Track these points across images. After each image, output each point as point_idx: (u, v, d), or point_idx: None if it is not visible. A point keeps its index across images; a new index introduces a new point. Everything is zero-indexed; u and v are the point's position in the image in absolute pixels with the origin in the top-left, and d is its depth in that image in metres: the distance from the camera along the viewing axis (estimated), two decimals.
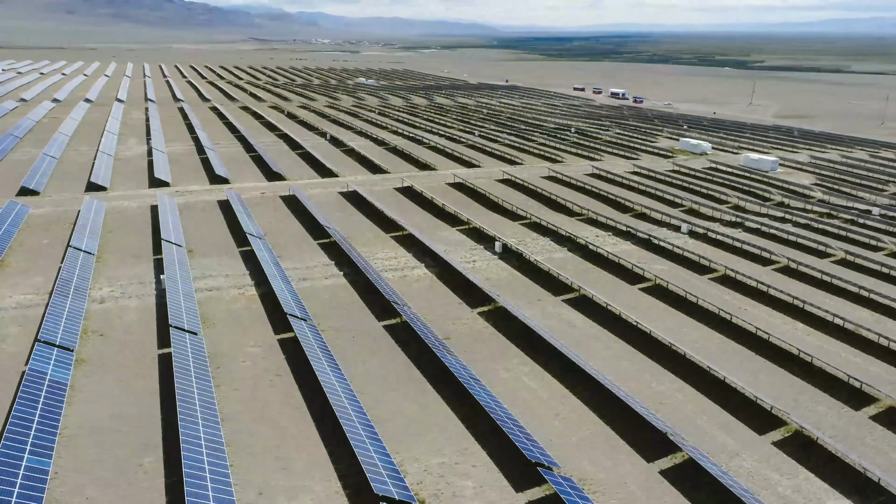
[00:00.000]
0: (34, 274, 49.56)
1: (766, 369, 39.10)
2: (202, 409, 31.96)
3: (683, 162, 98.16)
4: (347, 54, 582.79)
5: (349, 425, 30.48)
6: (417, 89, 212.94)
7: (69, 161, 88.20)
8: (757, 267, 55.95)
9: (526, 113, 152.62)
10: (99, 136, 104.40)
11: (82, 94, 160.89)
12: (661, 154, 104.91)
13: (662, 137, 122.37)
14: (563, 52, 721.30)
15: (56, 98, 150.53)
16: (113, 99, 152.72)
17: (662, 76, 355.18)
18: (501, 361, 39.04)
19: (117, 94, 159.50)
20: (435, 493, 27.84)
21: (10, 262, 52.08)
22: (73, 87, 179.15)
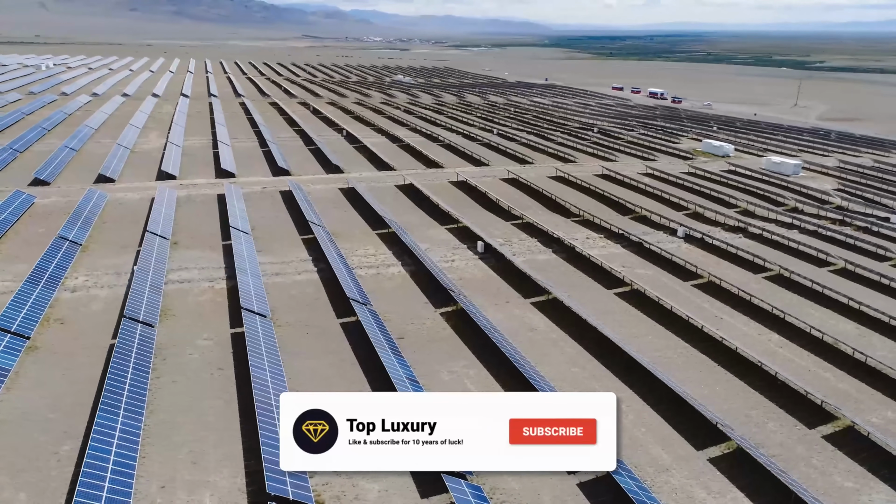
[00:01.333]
0: (20, 262, 50.89)
1: (726, 381, 37.38)
2: (129, 398, 32.21)
3: (701, 164, 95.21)
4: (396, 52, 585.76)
5: (266, 421, 30.30)
6: (452, 87, 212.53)
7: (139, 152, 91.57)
8: (747, 274, 53.69)
9: (554, 112, 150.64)
10: (167, 129, 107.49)
11: (149, 89, 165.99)
12: (680, 156, 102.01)
13: (687, 139, 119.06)
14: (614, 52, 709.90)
15: (126, 93, 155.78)
16: (178, 94, 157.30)
17: (712, 76, 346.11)
18: (448, 363, 38.33)
19: (182, 90, 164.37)
20: (337, 496, 27.42)
21: (1, 250, 53.76)
22: (142, 82, 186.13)
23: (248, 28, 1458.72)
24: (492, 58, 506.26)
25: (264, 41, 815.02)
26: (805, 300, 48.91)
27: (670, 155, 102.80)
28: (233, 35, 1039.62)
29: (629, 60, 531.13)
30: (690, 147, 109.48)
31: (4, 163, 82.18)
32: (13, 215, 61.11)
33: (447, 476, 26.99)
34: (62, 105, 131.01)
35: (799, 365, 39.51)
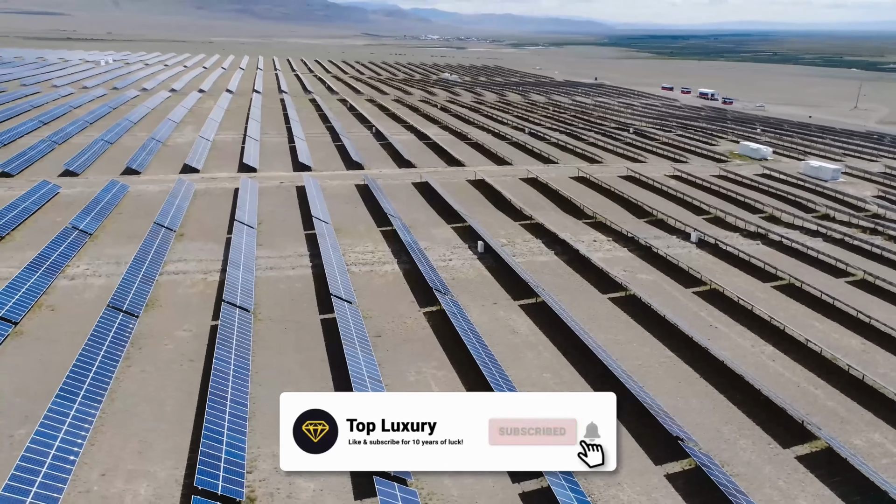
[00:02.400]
0: (29, 249, 52.55)
1: (705, 394, 35.70)
2: (91, 386, 32.79)
3: (734, 167, 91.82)
4: (452, 50, 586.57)
5: (214, 414, 30.39)
6: (496, 85, 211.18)
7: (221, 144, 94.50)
8: (754, 283, 51.32)
9: (593, 112, 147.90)
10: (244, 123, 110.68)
11: (248, 86, 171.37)
12: (714, 158, 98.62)
13: (727, 141, 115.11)
14: (675, 51, 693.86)
15: (202, 88, 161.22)
16: (251, 90, 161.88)
17: (773, 77, 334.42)
18: (418, 364, 37.77)
19: (254, 86, 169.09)
20: (271, 493, 27.24)
21: (15, 237, 55.76)
22: (216, 79, 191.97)
23: (308, 26, 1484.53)
24: (546, 57, 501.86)
25: (323, 39, 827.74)
26: (812, 312, 46.40)
27: (704, 157, 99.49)
28: (293, 33, 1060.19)
29: (689, 60, 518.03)
30: (727, 150, 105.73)
31: (42, 153, 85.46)
32: (35, 204, 63.36)
33: (380, 480, 26.52)
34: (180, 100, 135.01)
35: (788, 380, 37.45)
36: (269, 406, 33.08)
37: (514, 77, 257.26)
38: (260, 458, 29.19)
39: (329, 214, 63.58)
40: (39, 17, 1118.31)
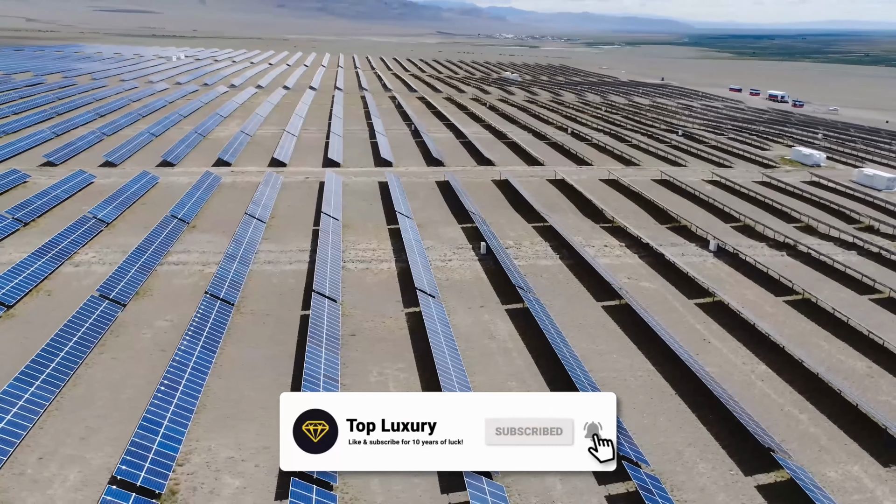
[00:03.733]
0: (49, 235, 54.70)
1: (675, 412, 33.71)
2: (54, 370, 33.70)
3: (781, 174, 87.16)
4: (524, 49, 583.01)
5: (161, 405, 30.69)
6: (555, 85, 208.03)
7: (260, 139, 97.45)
8: (767, 296, 48.31)
9: (646, 113, 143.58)
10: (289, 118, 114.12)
11: (306, 83, 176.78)
12: (762, 163, 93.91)
13: (782, 145, 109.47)
14: (757, 51, 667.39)
15: (312, 86, 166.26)
16: (332, 87, 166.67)
17: (857, 79, 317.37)
18: (383, 364, 37.20)
19: (336, 83, 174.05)
20: (195, 487, 27.24)
21: (39, 224, 58.29)
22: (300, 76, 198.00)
23: (384, 24, 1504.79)
24: (618, 56, 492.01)
25: (397, 37, 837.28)
26: (820, 330, 43.27)
27: (751, 162, 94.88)
28: (368, 31, 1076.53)
29: (770, 61, 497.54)
30: (778, 155, 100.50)
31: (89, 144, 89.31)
32: (66, 193, 66.06)
33: (297, 482, 26.11)
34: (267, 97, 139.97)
35: (773, 402, 34.95)
36: (222, 399, 33.24)
37: (577, 76, 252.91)
38: (196, 452, 29.27)
39: (341, 211, 63.77)
40: (131, 15, 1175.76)
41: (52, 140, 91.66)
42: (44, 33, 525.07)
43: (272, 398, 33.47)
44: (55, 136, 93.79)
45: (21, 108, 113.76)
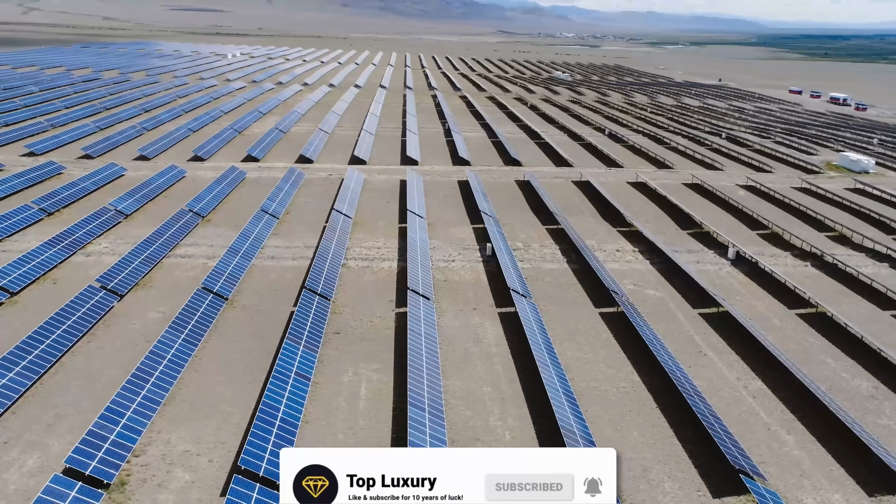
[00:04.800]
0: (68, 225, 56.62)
1: (651, 427, 32.22)
2: (37, 357, 34.59)
3: (823, 180, 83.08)
4: (584, 49, 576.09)
5: (127, 396, 31.12)
6: (605, 85, 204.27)
7: (294, 136, 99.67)
8: (779, 308, 45.90)
9: (693, 115, 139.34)
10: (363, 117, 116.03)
11: (352, 80, 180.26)
12: (805, 169, 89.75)
13: (831, 150, 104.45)
14: (830, 52, 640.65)
15: (357, 84, 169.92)
16: (377, 85, 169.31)
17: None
18: (360, 364, 36.86)
19: (381, 81, 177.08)
20: (145, 479, 27.44)
21: (63, 214, 60.33)
22: (346, 74, 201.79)
23: (446, 23, 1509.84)
24: (681, 56, 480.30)
25: (457, 36, 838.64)
26: (830, 346, 40.82)
27: (793, 167, 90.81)
28: (429, 30, 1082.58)
29: (843, 62, 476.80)
30: (825, 160, 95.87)
31: (128, 138, 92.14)
32: (94, 185, 68.29)
33: (239, 479, 26.01)
34: (216, 90, 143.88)
35: (760, 421, 33.07)
36: (192, 392, 33.50)
37: (629, 77, 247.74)
38: (154, 444, 29.54)
39: (354, 208, 63.88)
40: (202, 14, 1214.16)
41: (94, 133, 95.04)
42: (115, 31, 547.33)
43: (240, 393, 33.75)
44: (98, 130, 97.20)
45: (73, 103, 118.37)
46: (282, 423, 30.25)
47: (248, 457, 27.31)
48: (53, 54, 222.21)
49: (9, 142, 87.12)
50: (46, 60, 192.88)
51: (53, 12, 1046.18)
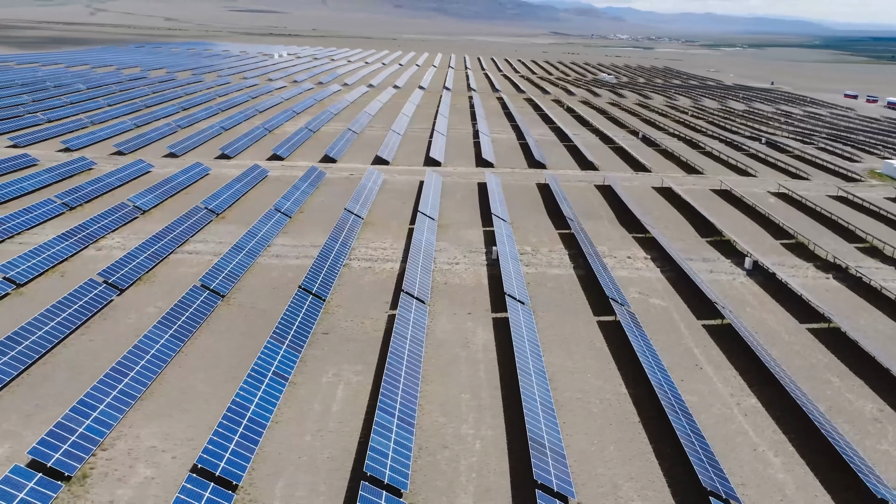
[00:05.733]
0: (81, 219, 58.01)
1: (628, 442, 30.97)
2: (27, 348, 35.35)
3: (861, 188, 79.34)
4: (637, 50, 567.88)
5: (103, 389, 31.50)
6: (650, 87, 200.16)
7: (323, 136, 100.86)
8: (789, 322, 43.77)
9: (737, 119, 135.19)
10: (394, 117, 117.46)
11: (392, 81, 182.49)
12: (846, 176, 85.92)
13: (878, 157, 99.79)
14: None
15: (396, 84, 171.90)
16: (415, 86, 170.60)
17: None
18: (342, 365, 36.57)
19: (420, 82, 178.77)
20: (106, 472, 27.65)
21: (85, 209, 61.95)
22: (388, 75, 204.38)
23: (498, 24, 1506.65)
24: (736, 59, 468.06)
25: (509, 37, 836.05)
26: (838, 364, 38.69)
27: (833, 174, 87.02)
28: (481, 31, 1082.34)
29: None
30: (869, 167, 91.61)
31: (162, 135, 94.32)
32: (119, 181, 69.91)
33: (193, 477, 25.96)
34: (255, 89, 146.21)
35: (747, 441, 31.45)
36: (172, 388, 33.71)
37: (678, 79, 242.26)
38: (123, 438, 29.79)
39: (368, 208, 63.79)
40: (259, 14, 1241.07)
41: (129, 131, 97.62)
42: (174, 31, 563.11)
43: (219, 391, 33.85)
44: (134, 127, 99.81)
45: (116, 101, 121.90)
46: (249, 423, 30.16)
47: (207, 455, 27.26)
48: (107, 54, 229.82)
49: (48, 138, 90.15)
50: (99, 59, 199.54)
51: (119, 13, 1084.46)
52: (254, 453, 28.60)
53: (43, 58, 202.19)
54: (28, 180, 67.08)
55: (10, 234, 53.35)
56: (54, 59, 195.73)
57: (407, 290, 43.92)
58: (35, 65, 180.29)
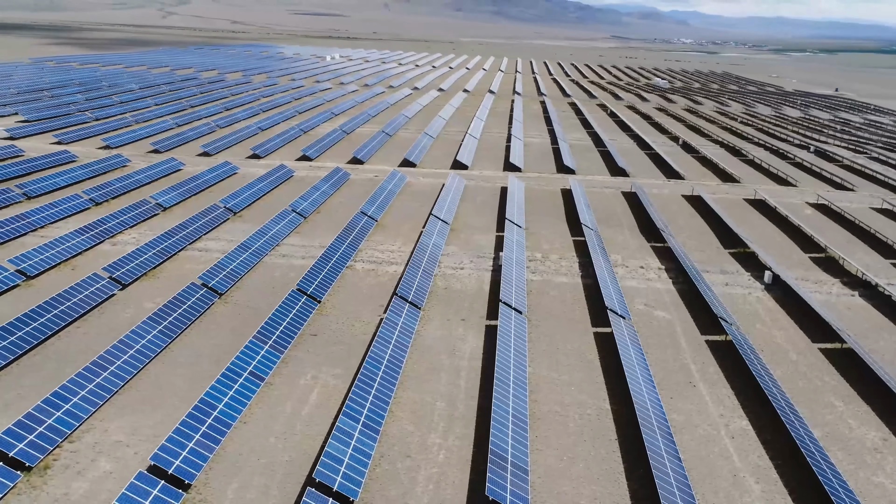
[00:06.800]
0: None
1: (602, 461, 29.68)
2: (19, 339, 36.36)
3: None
4: (699, 55, 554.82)
5: (78, 382, 32.07)
6: (702, 93, 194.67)
7: (356, 137, 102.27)
8: (800, 341, 41.37)
9: (786, 126, 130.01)
10: (429, 120, 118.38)
11: (438, 84, 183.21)
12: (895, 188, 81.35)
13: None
14: None
15: (441, 88, 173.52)
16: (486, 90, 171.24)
17: None
18: (324, 368, 36.32)
19: (466, 86, 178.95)
20: (67, 465, 28.03)
21: (112, 205, 63.79)
22: (436, 77, 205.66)
23: (559, 28, 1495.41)
24: (804, 64, 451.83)
25: (569, 41, 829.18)
26: (846, 388, 36.32)
27: (881, 185, 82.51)
28: (541, 34, 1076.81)
29: None
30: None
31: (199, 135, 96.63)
32: (149, 178, 71.82)
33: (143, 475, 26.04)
34: (300, 90, 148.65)
35: (729, 466, 29.71)
36: (151, 383, 34.07)
37: (735, 85, 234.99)
38: (92, 432, 30.19)
39: (383, 210, 63.65)
40: (323, 18, 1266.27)
41: (170, 129, 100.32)
42: (237, 34, 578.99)
43: (196, 388, 34.01)
44: (175, 126, 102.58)
45: (163, 101, 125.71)
46: (215, 422, 30.17)
47: (162, 453, 27.33)
48: (165, 55, 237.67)
49: (91, 135, 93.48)
50: (157, 61, 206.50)
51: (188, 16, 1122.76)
52: (213, 453, 28.56)
53: (104, 59, 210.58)
54: (62, 176, 69.55)
55: (34, 228, 55.29)
56: (116, 60, 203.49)
57: (401, 294, 43.45)
58: (96, 65, 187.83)
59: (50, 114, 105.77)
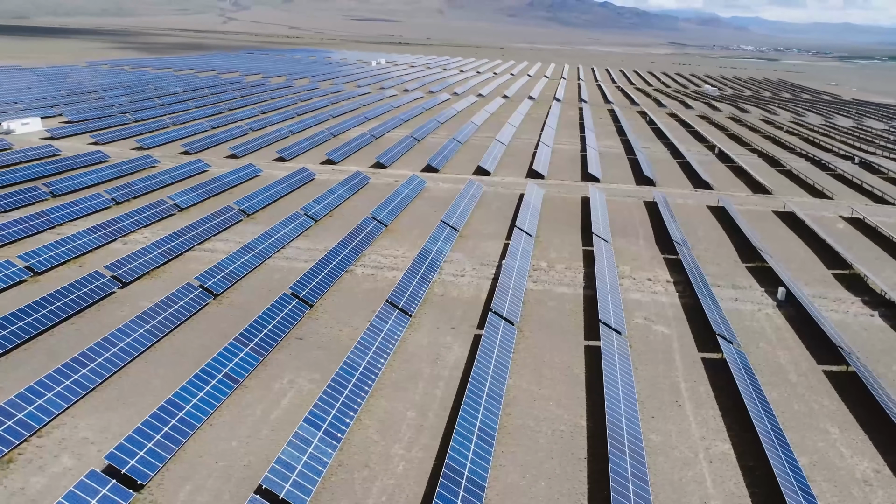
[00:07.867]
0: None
1: (565, 480, 28.60)
2: (8, 335, 37.35)
3: None
4: (758, 62, 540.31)
5: (55, 378, 32.64)
6: (755, 101, 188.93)
7: (385, 141, 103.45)
8: (802, 362, 39.25)
9: (835, 136, 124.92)
10: (460, 126, 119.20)
11: (502, 91, 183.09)
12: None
13: None
14: None
15: (481, 93, 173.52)
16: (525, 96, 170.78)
17: None
18: (302, 372, 36.16)
19: (505, 91, 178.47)
20: (31, 459, 28.48)
21: (134, 204, 65.31)
22: (479, 81, 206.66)
23: (614, 34, 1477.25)
24: (869, 72, 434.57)
25: (623, 47, 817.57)
26: (846, 412, 34.23)
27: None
28: (595, 40, 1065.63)
29: None
30: None
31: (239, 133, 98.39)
32: (172, 178, 73.34)
33: (93, 473, 26.22)
34: (340, 94, 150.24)
35: (703, 492, 28.24)
36: (129, 381, 34.48)
37: (788, 93, 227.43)
38: (61, 428, 30.67)
39: (395, 215, 63.43)
40: (378, 24, 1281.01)
41: (204, 132, 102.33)
42: (290, 39, 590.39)
43: (172, 388, 34.24)
44: (210, 129, 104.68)
45: (203, 104, 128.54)
46: (179, 423, 30.27)
47: (118, 452, 27.53)
48: (214, 59, 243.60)
49: (127, 136, 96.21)
50: (205, 65, 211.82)
51: (247, 22, 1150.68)
52: (172, 454, 28.65)
53: (156, 62, 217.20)
54: (90, 175, 71.65)
55: (52, 225, 56.96)
56: (167, 64, 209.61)
57: (391, 301, 43.04)
58: (147, 69, 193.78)
59: (92, 115, 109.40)
